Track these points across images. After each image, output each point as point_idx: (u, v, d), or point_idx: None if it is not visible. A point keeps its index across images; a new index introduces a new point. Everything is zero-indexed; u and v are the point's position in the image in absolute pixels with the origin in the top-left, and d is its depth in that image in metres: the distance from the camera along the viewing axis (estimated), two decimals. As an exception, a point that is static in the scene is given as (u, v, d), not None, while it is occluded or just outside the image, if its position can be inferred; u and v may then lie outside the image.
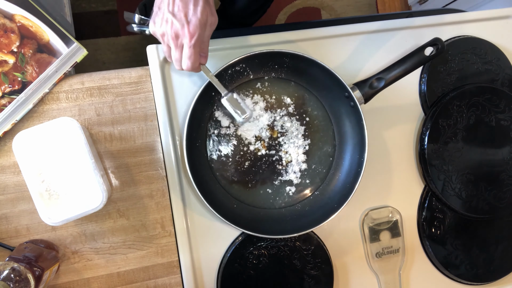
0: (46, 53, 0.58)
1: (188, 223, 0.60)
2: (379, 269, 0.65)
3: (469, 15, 0.73)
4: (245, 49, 0.64)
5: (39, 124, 0.53)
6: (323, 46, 0.67)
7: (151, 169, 0.60)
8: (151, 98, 0.61)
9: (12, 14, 0.57)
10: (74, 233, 0.58)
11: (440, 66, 0.69)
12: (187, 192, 0.61)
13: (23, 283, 0.46)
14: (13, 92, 0.56)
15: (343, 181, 0.62)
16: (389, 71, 0.58)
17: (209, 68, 0.56)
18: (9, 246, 0.56)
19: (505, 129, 0.69)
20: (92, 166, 0.50)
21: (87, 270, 0.58)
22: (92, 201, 0.50)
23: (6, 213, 0.56)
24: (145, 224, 0.60)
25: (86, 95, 0.59)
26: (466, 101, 0.67)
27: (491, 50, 0.71)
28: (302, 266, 0.62)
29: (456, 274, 0.67)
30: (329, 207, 0.59)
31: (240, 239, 0.61)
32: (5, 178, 0.57)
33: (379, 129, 0.68)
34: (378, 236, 0.65)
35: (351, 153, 0.62)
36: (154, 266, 0.59)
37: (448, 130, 0.67)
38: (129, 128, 0.60)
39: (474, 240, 0.68)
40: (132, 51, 1.48)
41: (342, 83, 0.58)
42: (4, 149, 0.57)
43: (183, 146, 0.57)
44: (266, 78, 0.64)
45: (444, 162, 0.66)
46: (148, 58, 0.61)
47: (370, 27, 0.68)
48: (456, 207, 0.66)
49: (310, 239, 0.62)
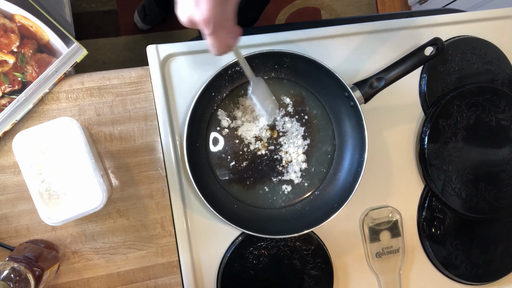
0: (46, 53, 0.58)
1: (188, 223, 0.60)
2: (379, 269, 0.65)
3: (469, 15, 0.73)
4: (245, 49, 0.64)
5: (39, 124, 0.53)
6: (323, 46, 0.67)
7: (151, 169, 0.60)
8: (151, 98, 0.61)
9: (12, 14, 0.57)
10: (74, 233, 0.58)
11: (440, 66, 0.69)
12: (187, 192, 0.61)
13: (23, 283, 0.46)
14: (13, 92, 0.56)
15: (343, 181, 0.62)
16: (389, 71, 0.58)
17: (209, 69, 0.55)
18: (9, 246, 0.56)
19: (505, 129, 0.69)
20: (92, 166, 0.50)
21: (87, 270, 0.58)
22: (92, 201, 0.50)
23: (6, 213, 0.56)
24: (145, 224, 0.60)
25: (86, 95, 0.59)
26: (466, 101, 0.67)
27: (491, 50, 0.71)
28: (302, 266, 0.62)
29: (456, 274, 0.67)
30: (329, 207, 0.59)
31: (240, 239, 0.61)
32: (5, 178, 0.57)
33: (379, 129, 0.68)
34: (378, 236, 0.65)
35: (351, 153, 0.62)
36: (154, 266, 0.59)
37: (448, 130, 0.67)
38: (129, 128, 0.60)
39: (474, 240, 0.68)
40: (132, 51, 1.48)
41: (342, 83, 0.58)
42: (4, 149, 0.57)
43: (183, 146, 0.57)
44: (266, 78, 0.64)
45: (444, 162, 0.66)
46: (148, 58, 0.61)
47: (370, 27, 0.68)
48: (456, 207, 0.66)
49: (310, 239, 0.62)
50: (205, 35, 0.43)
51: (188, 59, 0.63)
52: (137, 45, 1.49)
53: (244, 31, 0.67)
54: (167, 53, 0.62)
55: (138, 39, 1.49)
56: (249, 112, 0.63)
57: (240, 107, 0.63)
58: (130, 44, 1.49)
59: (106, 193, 0.51)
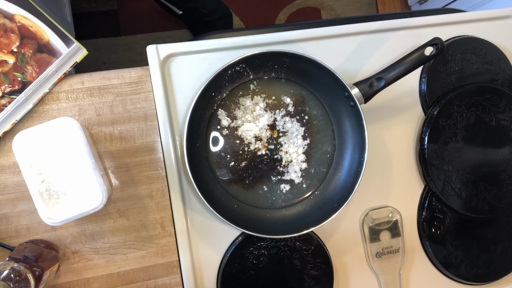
0: (46, 53, 0.58)
1: (188, 223, 0.60)
2: (379, 269, 0.65)
3: (469, 15, 0.72)
4: (245, 49, 0.64)
5: (39, 124, 0.53)
6: (323, 46, 0.67)
7: (151, 169, 0.60)
8: (151, 98, 0.61)
9: (12, 14, 0.57)
10: (74, 233, 0.58)
11: (440, 66, 0.69)
12: (187, 192, 0.61)
13: (23, 283, 0.46)
14: (13, 92, 0.56)
15: (343, 181, 0.62)
16: (389, 71, 0.58)
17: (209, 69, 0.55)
18: (9, 246, 0.56)
19: (505, 129, 0.69)
20: (92, 166, 0.50)
21: (87, 270, 0.58)
22: (92, 201, 0.50)
23: (6, 213, 0.56)
24: (145, 224, 0.60)
25: (86, 95, 0.59)
26: (466, 101, 0.67)
27: (491, 50, 0.71)
28: (302, 266, 0.62)
29: (456, 274, 0.67)
30: (329, 207, 0.59)
31: (240, 239, 0.61)
32: (5, 178, 0.57)
33: (379, 129, 0.68)
34: (378, 236, 0.65)
35: (351, 153, 0.62)
36: (154, 266, 0.59)
37: (448, 130, 0.67)
38: (129, 128, 0.60)
39: (474, 240, 0.68)
40: (132, 51, 1.48)
41: (342, 83, 0.58)
42: (4, 149, 0.57)
43: (183, 146, 0.57)
44: (266, 78, 0.64)
45: (444, 162, 0.66)
46: (148, 58, 0.61)
47: (370, 27, 0.68)
48: (456, 207, 0.66)
49: (310, 239, 0.62)
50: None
51: (188, 59, 0.63)
52: (137, 45, 1.49)
53: (244, 31, 0.67)
54: (167, 53, 0.62)
55: (138, 39, 1.49)
56: (249, 112, 0.63)
57: (240, 107, 0.63)
58: (130, 44, 1.49)
59: (106, 193, 0.51)
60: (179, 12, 1.40)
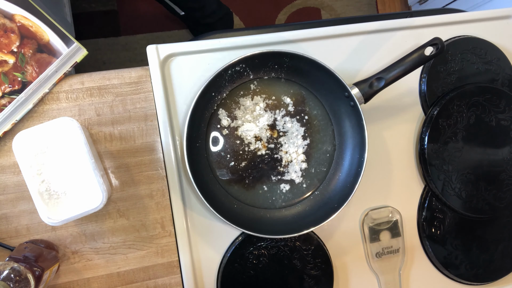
0: (46, 53, 0.58)
1: (188, 223, 0.60)
2: (379, 269, 0.65)
3: (469, 15, 0.73)
4: (245, 49, 0.64)
5: (39, 124, 0.53)
6: (323, 46, 0.67)
7: (151, 169, 0.60)
8: (151, 98, 0.61)
9: (12, 14, 0.57)
10: (74, 233, 0.58)
11: (440, 66, 0.69)
12: (187, 192, 0.61)
13: (23, 283, 0.46)
14: (13, 92, 0.56)
15: (343, 181, 0.62)
16: (389, 71, 0.58)
17: (209, 69, 0.56)
18: (9, 246, 0.56)
19: (505, 129, 0.69)
20: (92, 166, 0.50)
21: (87, 270, 0.58)
22: (92, 201, 0.50)
23: (6, 213, 0.56)
24: (145, 224, 0.60)
25: (86, 95, 0.59)
26: (466, 101, 0.67)
27: (491, 50, 0.71)
28: (302, 266, 0.62)
29: (456, 274, 0.67)
30: (329, 207, 0.59)
31: (240, 239, 0.61)
32: (5, 178, 0.57)
33: (379, 129, 0.68)
34: (378, 236, 0.65)
35: (351, 153, 0.62)
36: (154, 266, 0.59)
37: (448, 130, 0.67)
38: (129, 128, 0.60)
39: (474, 240, 0.68)
40: (132, 51, 1.48)
41: (342, 83, 0.58)
42: (4, 149, 0.57)
43: (183, 146, 0.57)
44: (266, 78, 0.64)
45: (444, 162, 0.66)
46: (148, 58, 0.61)
47: (370, 27, 0.68)
48: (456, 207, 0.66)
49: (310, 239, 0.62)
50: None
51: (188, 59, 0.63)
52: (137, 45, 1.49)
53: (244, 31, 0.67)
54: (167, 53, 0.62)
55: (138, 39, 1.49)
56: (249, 112, 0.63)
57: (240, 107, 0.63)
58: (130, 44, 1.49)
59: (106, 193, 0.51)
60: (181, 13, 1.40)
